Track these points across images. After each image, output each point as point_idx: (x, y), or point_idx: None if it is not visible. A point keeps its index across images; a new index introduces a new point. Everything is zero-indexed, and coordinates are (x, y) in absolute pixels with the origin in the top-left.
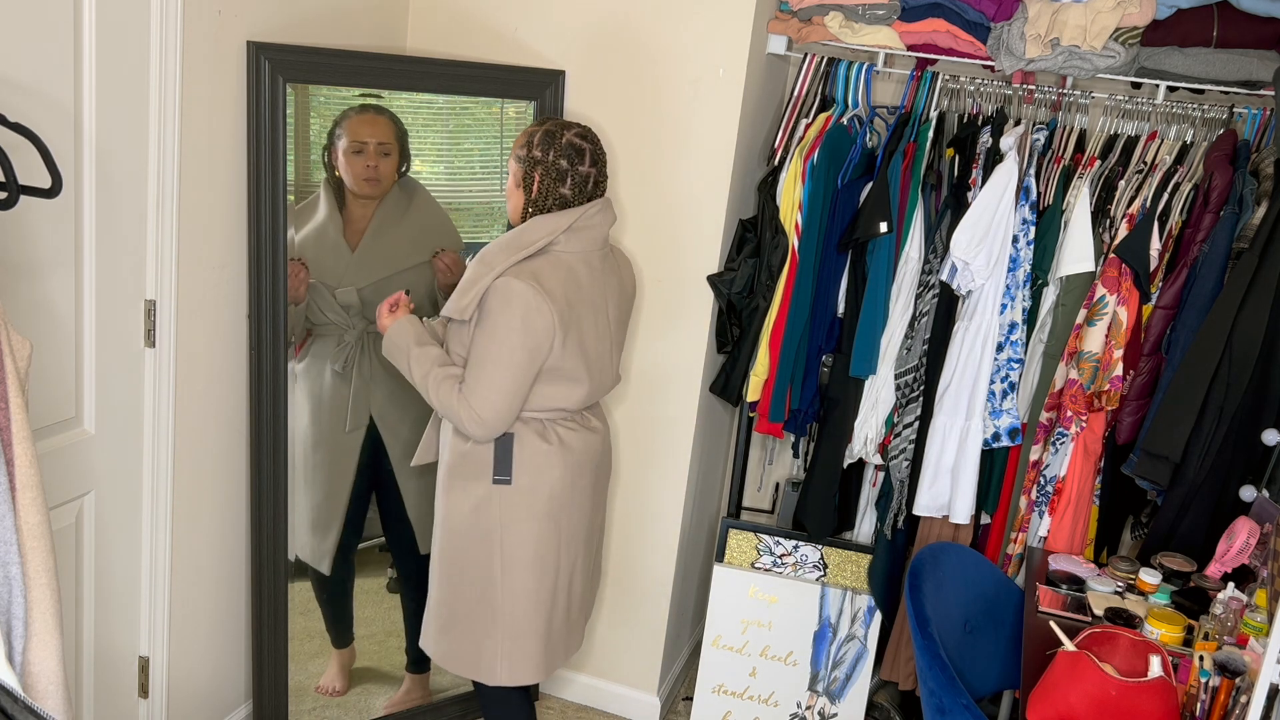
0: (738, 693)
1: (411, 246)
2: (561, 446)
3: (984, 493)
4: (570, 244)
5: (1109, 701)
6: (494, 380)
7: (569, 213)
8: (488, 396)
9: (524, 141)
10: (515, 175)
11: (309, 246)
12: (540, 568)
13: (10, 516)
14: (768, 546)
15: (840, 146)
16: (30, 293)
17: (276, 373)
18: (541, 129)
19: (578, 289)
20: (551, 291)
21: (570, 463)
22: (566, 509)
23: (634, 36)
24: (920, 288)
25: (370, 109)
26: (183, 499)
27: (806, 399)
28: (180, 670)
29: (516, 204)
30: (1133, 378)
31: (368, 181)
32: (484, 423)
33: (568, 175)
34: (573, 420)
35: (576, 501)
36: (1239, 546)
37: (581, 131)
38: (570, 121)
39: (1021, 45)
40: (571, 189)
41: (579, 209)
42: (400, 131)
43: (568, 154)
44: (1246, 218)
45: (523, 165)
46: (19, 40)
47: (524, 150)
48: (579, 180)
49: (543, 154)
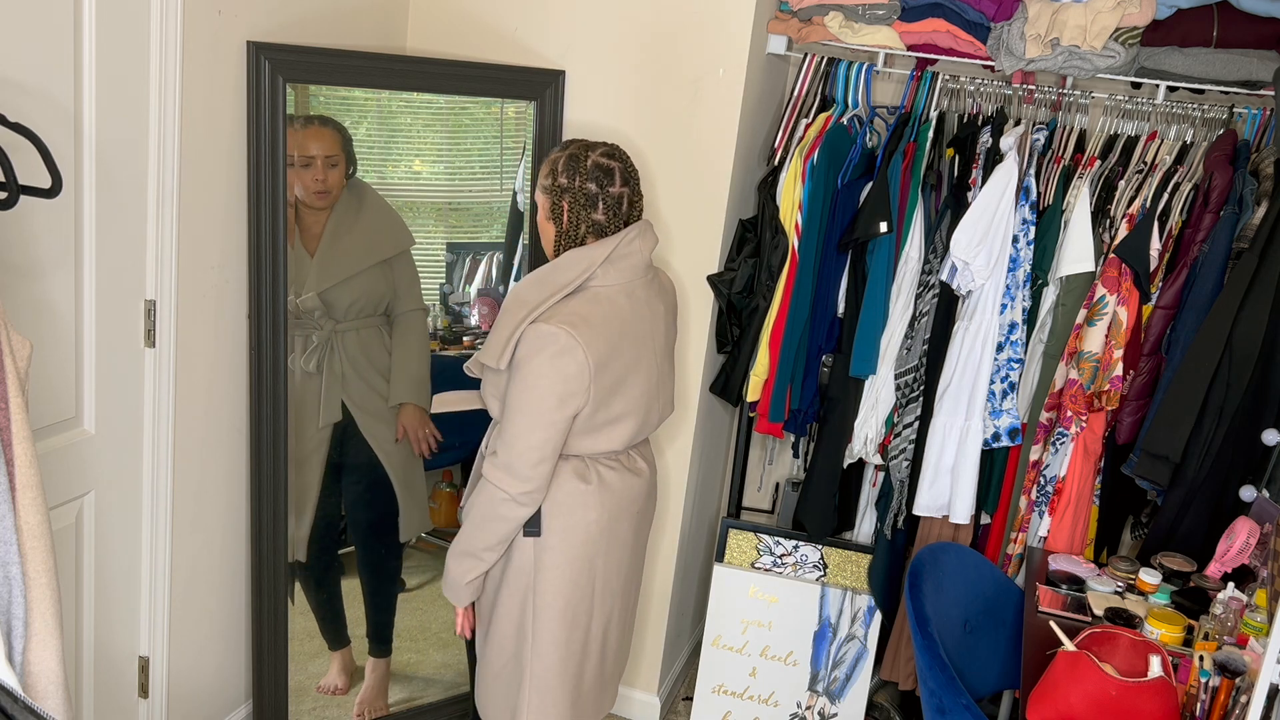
0: (738, 693)
1: (367, 248)
2: (601, 487)
3: (984, 493)
4: (609, 276)
5: (1109, 701)
6: (522, 432)
7: (605, 243)
8: (518, 449)
9: (548, 170)
10: (544, 208)
11: None
12: (572, 618)
13: (10, 516)
14: (768, 546)
15: (840, 146)
16: (30, 293)
17: (276, 373)
18: (565, 154)
19: (621, 326)
20: (589, 334)
21: (609, 504)
22: (603, 554)
23: (634, 37)
24: (920, 288)
25: (315, 120)
26: (183, 499)
27: (806, 399)
28: (180, 670)
29: (549, 238)
30: (1133, 378)
31: (319, 194)
32: (519, 477)
33: (599, 199)
34: (616, 460)
35: (614, 547)
36: (1239, 546)
37: (608, 150)
38: (594, 141)
39: (1021, 45)
40: (605, 214)
41: (616, 237)
42: (345, 139)
43: (595, 176)
44: (1246, 218)
45: (550, 195)
46: (19, 40)
47: (549, 179)
48: (611, 203)
49: (569, 180)
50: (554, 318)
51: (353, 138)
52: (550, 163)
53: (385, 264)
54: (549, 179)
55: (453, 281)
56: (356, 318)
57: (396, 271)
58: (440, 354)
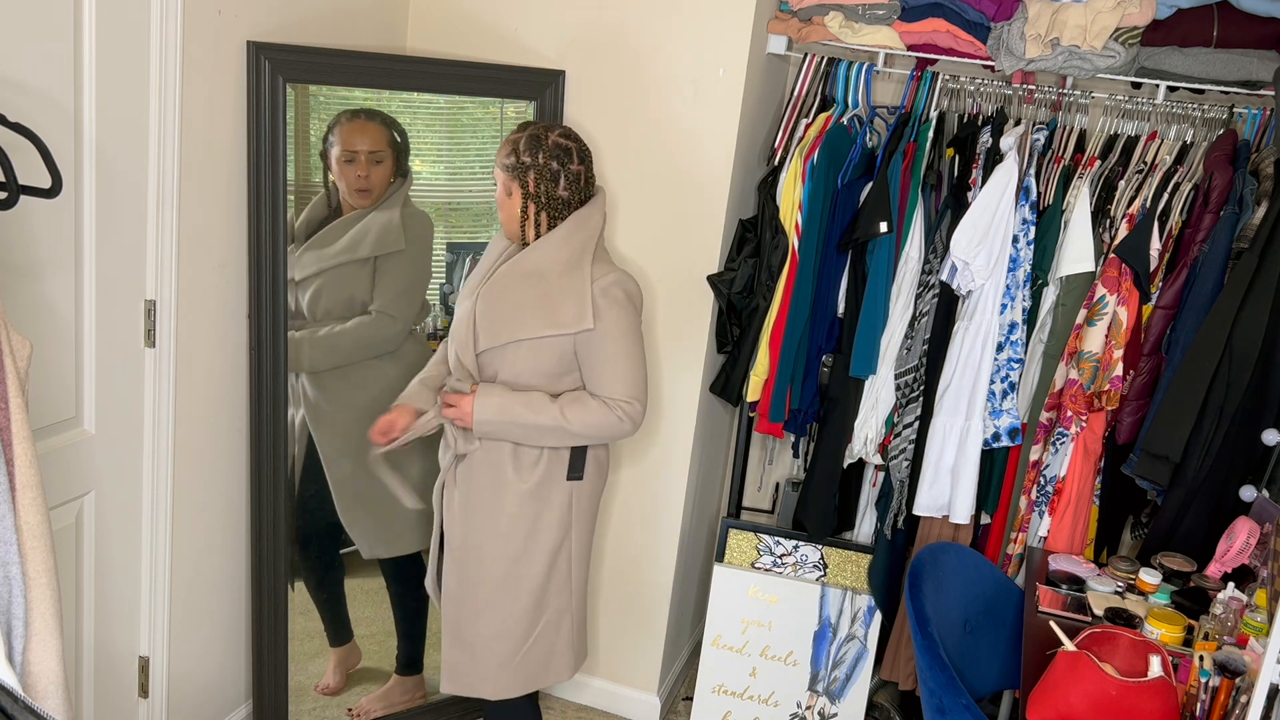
0: (738, 693)
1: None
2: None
3: (984, 493)
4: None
5: (1109, 701)
6: (637, 366)
7: (590, 210)
8: (634, 391)
9: (509, 150)
10: (503, 184)
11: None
12: (589, 560)
13: (10, 516)
14: (768, 546)
15: (840, 146)
16: (30, 293)
17: (276, 373)
18: (525, 134)
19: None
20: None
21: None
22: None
23: (634, 36)
24: (920, 288)
25: (362, 114)
26: (183, 499)
27: (806, 399)
28: (180, 670)
29: (511, 213)
30: (1133, 378)
31: (360, 192)
32: (637, 417)
33: (560, 176)
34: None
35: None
36: (1239, 546)
37: (564, 131)
38: (550, 123)
39: (1021, 45)
40: (567, 189)
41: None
42: (396, 135)
43: (556, 155)
44: (1246, 218)
45: (510, 173)
46: (19, 40)
47: (511, 158)
48: (571, 179)
49: (531, 158)
50: (612, 269)
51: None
52: (510, 142)
53: (364, 265)
54: (511, 157)
55: (453, 281)
56: (324, 319)
57: (378, 273)
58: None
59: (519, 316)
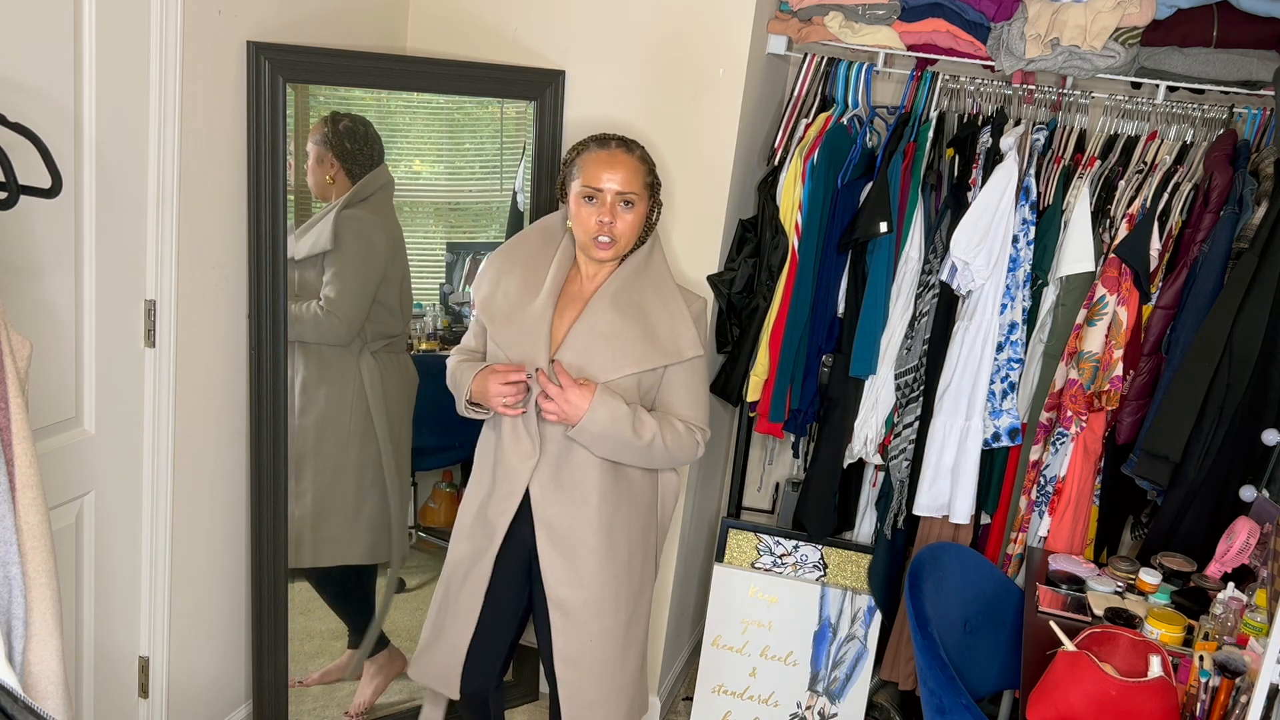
0: (738, 693)
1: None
2: None
3: (984, 493)
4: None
5: (1109, 701)
6: (707, 398)
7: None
8: (706, 417)
9: (648, 168)
10: (642, 208)
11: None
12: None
13: (10, 516)
14: (768, 546)
15: (840, 146)
16: (30, 293)
17: (276, 373)
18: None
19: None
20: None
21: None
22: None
23: (634, 36)
24: (920, 288)
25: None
26: (183, 499)
27: (806, 399)
28: (180, 670)
29: (635, 231)
30: (1133, 378)
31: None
32: (705, 444)
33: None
34: None
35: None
36: (1239, 546)
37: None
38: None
39: (1021, 45)
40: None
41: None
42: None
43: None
44: (1246, 218)
45: (650, 190)
46: (19, 40)
47: (650, 176)
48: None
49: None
50: (685, 289)
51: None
52: (644, 159)
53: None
54: (650, 175)
55: (452, 281)
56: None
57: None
58: (441, 354)
59: (628, 348)
